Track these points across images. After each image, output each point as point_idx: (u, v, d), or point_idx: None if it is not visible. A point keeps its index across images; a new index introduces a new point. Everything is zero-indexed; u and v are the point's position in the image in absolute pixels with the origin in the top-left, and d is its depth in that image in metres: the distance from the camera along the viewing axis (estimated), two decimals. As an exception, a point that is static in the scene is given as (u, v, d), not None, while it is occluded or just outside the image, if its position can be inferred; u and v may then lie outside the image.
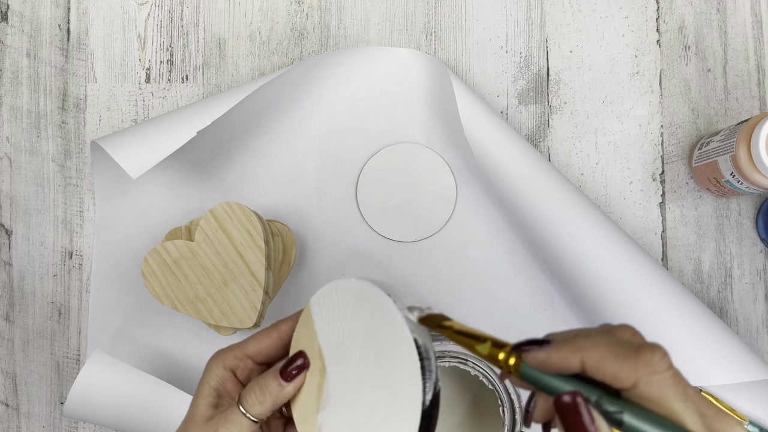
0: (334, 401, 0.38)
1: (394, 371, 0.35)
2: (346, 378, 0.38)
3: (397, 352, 0.35)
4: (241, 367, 0.42)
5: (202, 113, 0.56)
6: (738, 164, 0.54)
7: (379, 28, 0.64)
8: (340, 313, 0.39)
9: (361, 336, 0.37)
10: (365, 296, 0.38)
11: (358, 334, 0.38)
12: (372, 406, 0.36)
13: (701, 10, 0.63)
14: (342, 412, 0.37)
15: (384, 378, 0.36)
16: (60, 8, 0.64)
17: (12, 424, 0.62)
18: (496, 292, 0.61)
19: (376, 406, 0.36)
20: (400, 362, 0.35)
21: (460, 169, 0.62)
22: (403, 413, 0.34)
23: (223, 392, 0.41)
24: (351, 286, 0.39)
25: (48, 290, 0.63)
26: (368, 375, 0.37)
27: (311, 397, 0.39)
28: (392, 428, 0.35)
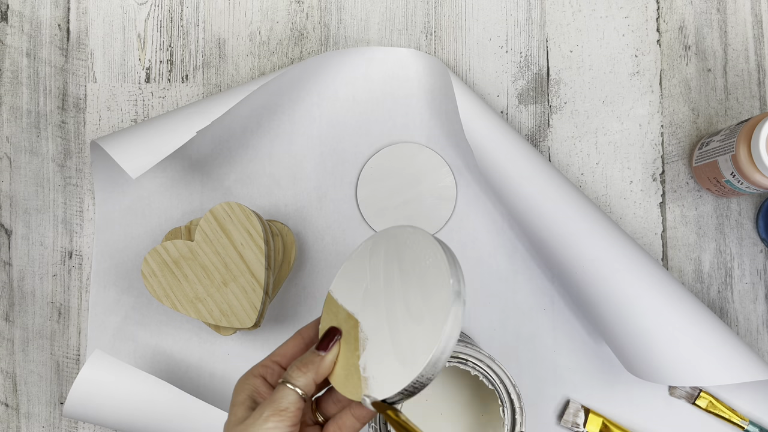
0: (371, 336, 0.41)
1: (420, 274, 0.40)
2: (377, 311, 0.41)
3: (420, 257, 0.41)
4: (270, 373, 0.42)
5: (201, 113, 0.56)
6: (738, 164, 0.54)
7: (379, 28, 0.64)
8: (357, 271, 0.43)
9: (382, 271, 0.42)
10: (378, 242, 0.43)
11: (379, 273, 0.42)
12: (406, 310, 0.40)
13: (701, 10, 0.63)
14: (381, 337, 0.41)
15: (412, 284, 0.40)
16: (60, 8, 0.64)
17: (12, 424, 0.62)
18: (496, 292, 0.61)
19: (411, 308, 0.40)
20: (423, 262, 0.40)
21: (460, 169, 0.62)
22: (437, 301, 0.39)
23: (257, 397, 0.41)
24: (363, 247, 0.44)
25: (48, 290, 0.63)
26: (396, 290, 0.41)
27: (349, 354, 0.42)
28: (430, 319, 0.39)
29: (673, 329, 0.55)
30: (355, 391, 0.40)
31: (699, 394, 0.60)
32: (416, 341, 0.39)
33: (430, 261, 0.40)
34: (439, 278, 0.39)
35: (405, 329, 0.40)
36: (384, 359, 0.40)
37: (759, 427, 0.60)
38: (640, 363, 0.55)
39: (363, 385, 0.40)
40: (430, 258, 0.40)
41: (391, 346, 0.40)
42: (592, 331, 0.61)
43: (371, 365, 0.40)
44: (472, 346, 0.50)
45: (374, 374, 0.40)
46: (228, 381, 0.61)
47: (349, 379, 0.41)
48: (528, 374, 0.61)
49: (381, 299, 0.42)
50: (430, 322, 0.39)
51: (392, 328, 0.40)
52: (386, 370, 0.39)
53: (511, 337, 0.61)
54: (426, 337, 0.39)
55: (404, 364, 0.39)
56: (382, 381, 0.39)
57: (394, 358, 0.39)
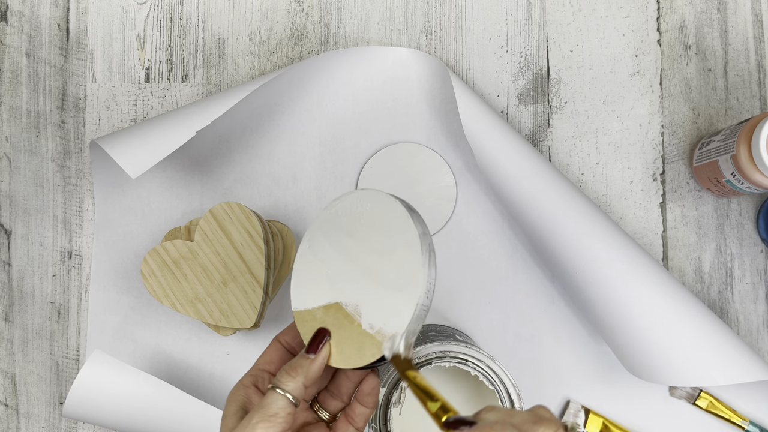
0: (359, 300, 0.42)
1: (369, 223, 0.42)
2: (351, 281, 0.42)
3: (358, 213, 0.42)
4: (261, 381, 0.42)
5: (201, 113, 0.56)
6: (739, 164, 0.54)
7: (379, 28, 0.64)
8: (308, 271, 0.44)
9: (333, 251, 0.43)
10: (311, 236, 0.44)
11: (331, 254, 0.43)
12: (378, 257, 0.42)
13: (702, 10, 0.63)
14: (368, 294, 0.42)
15: (368, 236, 0.42)
16: (59, 8, 0.64)
17: (11, 425, 0.62)
18: (496, 292, 0.61)
19: (381, 252, 0.41)
20: (365, 215, 0.42)
21: (460, 169, 0.62)
22: (399, 227, 0.41)
23: (249, 406, 0.41)
24: (299, 252, 0.44)
25: (47, 290, 0.63)
26: (358, 252, 0.42)
27: (351, 329, 0.42)
28: (403, 245, 0.41)
29: (674, 329, 0.54)
30: (373, 352, 0.40)
31: (699, 394, 0.60)
32: (401, 269, 0.40)
33: (369, 207, 0.42)
34: (388, 210, 0.42)
35: (386, 270, 0.41)
36: (383, 303, 0.41)
37: (759, 427, 0.59)
38: (641, 363, 0.55)
39: (378, 339, 0.40)
40: (368, 205, 0.42)
41: (383, 290, 0.41)
42: (593, 331, 0.61)
43: (374, 318, 0.41)
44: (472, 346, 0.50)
45: (381, 323, 0.40)
46: (227, 381, 0.61)
47: (363, 349, 0.41)
48: (528, 374, 0.61)
49: (348, 270, 0.42)
50: (404, 247, 0.40)
51: (375, 279, 0.41)
52: (390, 311, 0.40)
53: (511, 337, 0.61)
54: (408, 258, 0.40)
55: (402, 291, 0.40)
56: (391, 322, 0.40)
57: (391, 295, 0.40)
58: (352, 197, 0.43)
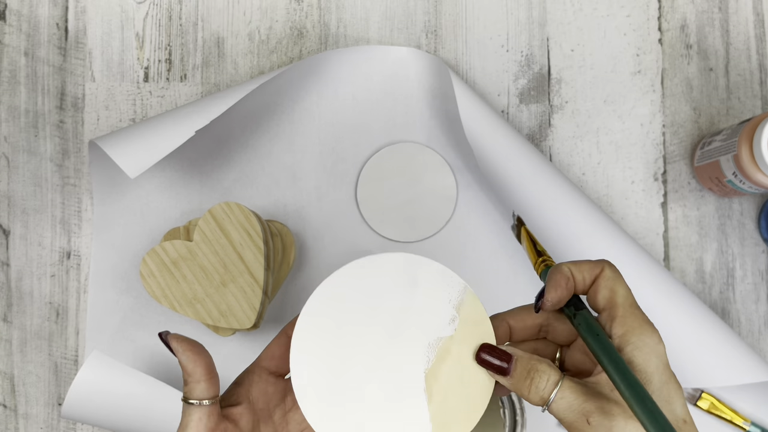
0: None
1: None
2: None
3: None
4: (252, 377, 0.40)
5: (200, 112, 0.56)
6: (740, 164, 0.53)
7: (379, 27, 0.63)
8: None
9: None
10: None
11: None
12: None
13: (703, 9, 0.63)
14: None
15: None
16: (58, 7, 0.64)
17: (10, 425, 0.62)
18: (497, 292, 0.61)
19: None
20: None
21: (460, 169, 0.62)
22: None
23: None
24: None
25: (46, 291, 0.62)
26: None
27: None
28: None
29: (675, 330, 0.54)
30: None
31: (701, 395, 0.60)
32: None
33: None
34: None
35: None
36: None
37: (761, 428, 0.59)
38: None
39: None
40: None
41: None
42: (593, 331, 0.61)
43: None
44: (472, 347, 0.50)
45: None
46: (227, 382, 0.61)
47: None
48: (529, 375, 0.60)
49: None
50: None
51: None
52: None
53: (512, 337, 0.61)
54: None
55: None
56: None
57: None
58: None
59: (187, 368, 0.38)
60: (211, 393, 0.38)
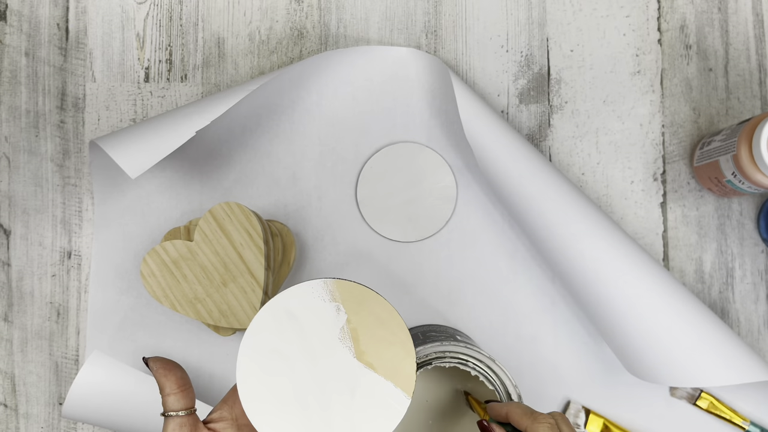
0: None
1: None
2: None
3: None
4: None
5: (201, 113, 0.56)
6: (739, 164, 0.53)
7: (379, 27, 0.64)
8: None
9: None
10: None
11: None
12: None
13: (702, 9, 0.63)
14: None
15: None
16: (58, 7, 0.64)
17: (11, 425, 0.62)
18: (497, 292, 0.61)
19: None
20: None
21: (460, 169, 0.62)
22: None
23: None
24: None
25: (47, 290, 0.62)
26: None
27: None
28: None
29: (674, 330, 0.54)
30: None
31: (700, 394, 0.60)
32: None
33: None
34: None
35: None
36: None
37: (760, 428, 0.59)
38: (641, 364, 0.55)
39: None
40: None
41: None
42: (593, 331, 0.61)
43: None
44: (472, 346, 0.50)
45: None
46: (227, 382, 0.61)
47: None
48: (528, 375, 0.61)
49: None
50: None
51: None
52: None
53: (512, 337, 0.61)
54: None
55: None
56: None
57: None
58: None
59: (160, 383, 0.40)
60: (184, 404, 0.40)
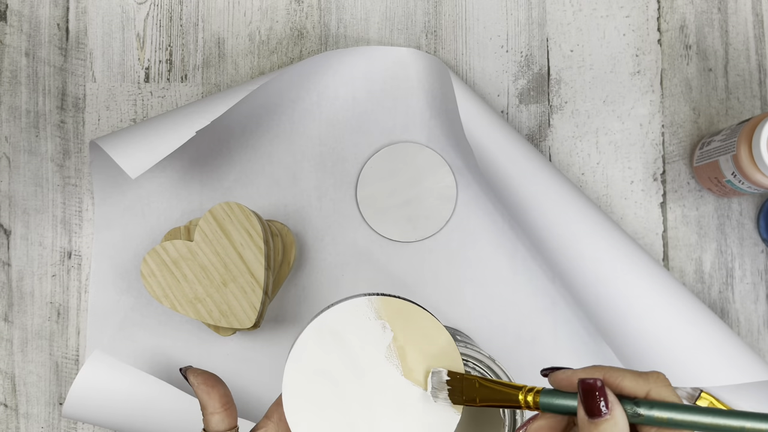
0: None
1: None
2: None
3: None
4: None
5: (201, 113, 0.56)
6: (739, 164, 0.53)
7: (379, 27, 0.64)
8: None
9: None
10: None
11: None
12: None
13: (702, 10, 0.63)
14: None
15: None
16: (59, 7, 0.64)
17: (11, 425, 0.62)
18: (497, 292, 0.61)
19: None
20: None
21: (460, 169, 0.62)
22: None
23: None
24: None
25: (47, 290, 0.62)
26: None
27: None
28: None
29: (674, 330, 0.54)
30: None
31: (700, 394, 0.60)
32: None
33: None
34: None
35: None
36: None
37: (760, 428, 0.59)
38: (641, 364, 0.55)
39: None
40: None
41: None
42: (593, 331, 0.61)
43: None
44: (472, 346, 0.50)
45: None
46: (227, 382, 0.61)
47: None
48: (528, 375, 0.61)
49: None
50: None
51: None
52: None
53: (512, 337, 0.61)
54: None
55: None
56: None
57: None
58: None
59: (202, 400, 0.38)
60: (228, 424, 0.38)
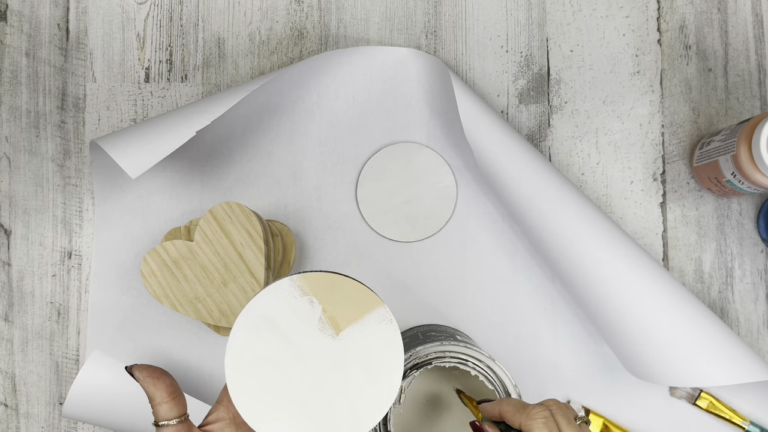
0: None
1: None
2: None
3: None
4: None
5: (201, 113, 0.56)
6: (739, 164, 0.53)
7: (379, 28, 0.64)
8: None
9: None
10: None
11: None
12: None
13: (702, 10, 0.63)
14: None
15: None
16: (59, 7, 0.64)
17: (11, 425, 0.62)
18: (497, 292, 0.61)
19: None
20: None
21: (460, 169, 0.62)
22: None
23: None
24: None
25: (47, 290, 0.62)
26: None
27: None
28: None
29: (674, 330, 0.54)
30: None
31: (700, 394, 0.60)
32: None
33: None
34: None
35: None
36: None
37: (760, 427, 0.59)
38: (641, 363, 0.55)
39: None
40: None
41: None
42: (593, 331, 0.61)
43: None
44: (472, 346, 0.50)
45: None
46: (228, 381, 0.61)
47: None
48: (528, 374, 0.61)
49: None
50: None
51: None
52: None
53: (512, 337, 0.61)
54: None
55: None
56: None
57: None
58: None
59: (149, 392, 0.39)
60: (176, 412, 0.39)
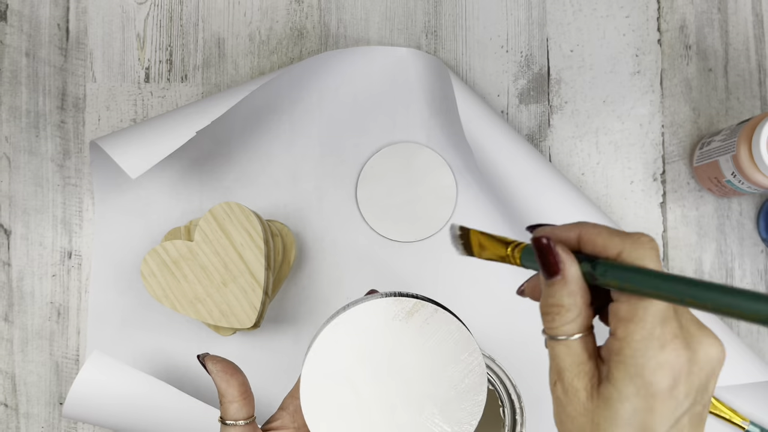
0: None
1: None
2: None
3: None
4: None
5: (201, 113, 0.56)
6: (739, 164, 0.53)
7: (379, 27, 0.64)
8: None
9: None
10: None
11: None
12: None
13: (702, 10, 0.63)
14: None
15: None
16: (59, 7, 0.64)
17: (11, 425, 0.62)
18: (496, 292, 0.61)
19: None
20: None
21: (460, 169, 0.62)
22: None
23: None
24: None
25: (47, 290, 0.62)
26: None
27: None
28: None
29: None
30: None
31: (700, 394, 0.60)
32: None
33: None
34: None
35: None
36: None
37: (760, 427, 0.59)
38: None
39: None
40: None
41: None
42: (593, 331, 0.61)
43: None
44: (472, 346, 0.50)
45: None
46: (228, 381, 0.61)
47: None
48: (528, 374, 0.61)
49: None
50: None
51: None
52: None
53: (511, 337, 0.61)
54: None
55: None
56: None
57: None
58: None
59: (220, 388, 0.38)
60: (245, 413, 0.38)
